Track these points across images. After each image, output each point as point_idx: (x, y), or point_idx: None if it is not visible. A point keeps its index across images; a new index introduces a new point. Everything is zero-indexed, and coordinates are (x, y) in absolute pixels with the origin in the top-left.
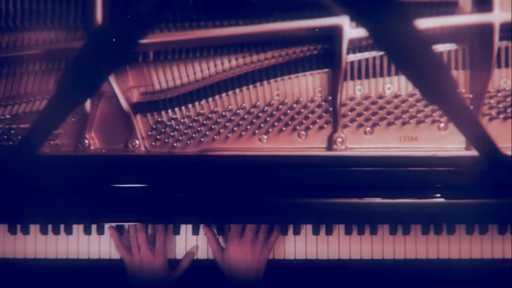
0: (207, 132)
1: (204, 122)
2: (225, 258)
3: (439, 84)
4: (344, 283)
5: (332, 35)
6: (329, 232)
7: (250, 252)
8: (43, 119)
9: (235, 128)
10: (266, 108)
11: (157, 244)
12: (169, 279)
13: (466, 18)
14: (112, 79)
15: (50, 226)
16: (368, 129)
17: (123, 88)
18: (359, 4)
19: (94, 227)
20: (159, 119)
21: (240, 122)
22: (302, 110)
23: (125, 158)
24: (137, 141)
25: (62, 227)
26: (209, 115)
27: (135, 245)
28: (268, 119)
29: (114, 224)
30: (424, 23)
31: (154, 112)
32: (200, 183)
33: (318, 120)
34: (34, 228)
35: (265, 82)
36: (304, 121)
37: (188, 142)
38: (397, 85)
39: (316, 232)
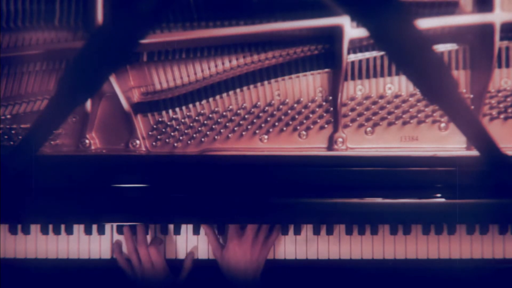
0: (208, 132)
1: (205, 122)
2: (224, 257)
3: (439, 84)
4: (345, 283)
5: (333, 35)
6: (330, 232)
7: (249, 252)
8: (43, 119)
9: (235, 128)
10: (266, 108)
11: (153, 258)
12: (175, 285)
13: (467, 18)
14: (112, 79)
15: (50, 226)
16: (368, 129)
17: (124, 88)
18: (360, 4)
19: (94, 227)
20: (160, 119)
21: (241, 122)
22: (303, 110)
23: (126, 158)
24: (137, 141)
25: (62, 227)
26: (210, 115)
27: (132, 251)
28: (268, 119)
29: (114, 224)
30: (425, 23)
31: (155, 112)
32: (200, 183)
33: (318, 120)
34: (34, 228)
35: (265, 82)
36: (304, 121)
37: (189, 142)
38: (397, 85)
39: (317, 232)
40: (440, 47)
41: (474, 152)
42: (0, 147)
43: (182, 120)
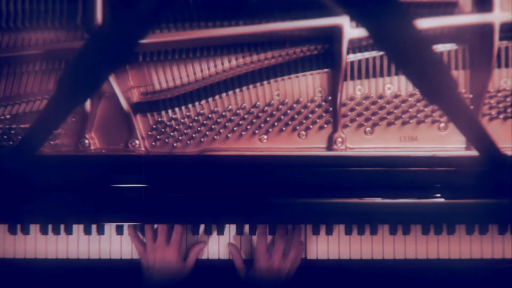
0: (207, 132)
1: (204, 122)
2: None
3: (439, 84)
4: (344, 283)
5: (332, 35)
6: (329, 232)
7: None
8: (43, 119)
9: (235, 128)
10: (266, 108)
11: (173, 235)
12: (181, 273)
13: (466, 18)
14: (112, 79)
15: (50, 226)
16: (368, 129)
17: (123, 88)
18: (359, 4)
19: (94, 227)
20: (159, 119)
21: (240, 122)
22: (302, 110)
23: (125, 158)
24: (137, 141)
25: (62, 227)
26: (209, 115)
27: (149, 236)
28: (268, 119)
29: (114, 224)
30: (424, 23)
31: (154, 112)
32: (200, 183)
33: (318, 120)
34: (34, 228)
35: (265, 82)
36: (304, 121)
37: (188, 142)
38: (397, 85)
39: (316, 232)
40: (440, 47)
41: (474, 152)
42: None
43: (182, 120)
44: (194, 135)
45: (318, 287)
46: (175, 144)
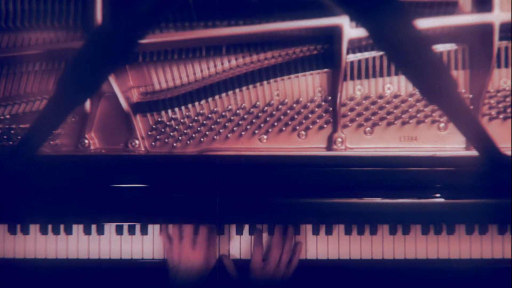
0: (207, 132)
1: (204, 122)
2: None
3: (439, 84)
4: (344, 283)
5: (332, 35)
6: (329, 232)
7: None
8: (43, 119)
9: (235, 128)
10: (266, 108)
11: (198, 237)
12: (206, 271)
13: (466, 18)
14: (112, 79)
15: (50, 226)
16: (368, 129)
17: (123, 88)
18: (359, 4)
19: (94, 227)
20: (159, 119)
21: (240, 122)
22: (302, 110)
23: (125, 158)
24: (137, 141)
25: (62, 227)
26: (209, 115)
27: (176, 236)
28: (268, 119)
29: (113, 224)
30: (424, 23)
31: (154, 112)
32: (200, 183)
33: (318, 120)
34: (34, 228)
35: (265, 82)
36: (304, 121)
37: (188, 142)
38: (397, 85)
39: (316, 232)
40: (440, 47)
41: (473, 152)
42: None
43: (181, 120)
44: (194, 135)
45: (318, 287)
46: (175, 144)
